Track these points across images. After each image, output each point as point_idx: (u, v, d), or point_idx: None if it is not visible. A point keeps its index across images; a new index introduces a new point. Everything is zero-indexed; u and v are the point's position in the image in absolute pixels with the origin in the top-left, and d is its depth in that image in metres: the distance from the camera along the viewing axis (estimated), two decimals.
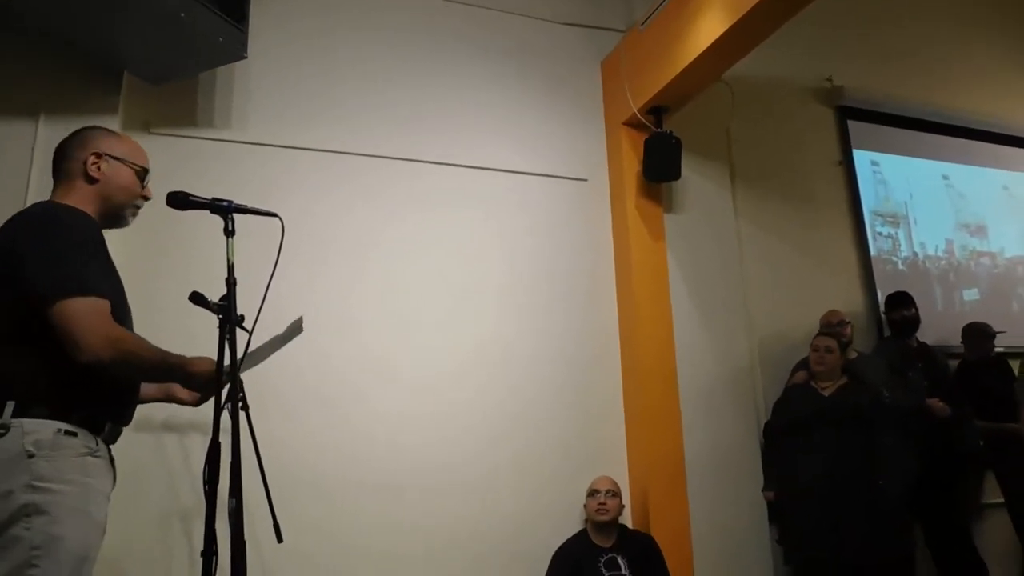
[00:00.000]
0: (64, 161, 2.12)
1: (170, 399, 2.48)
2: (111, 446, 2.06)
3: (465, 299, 3.83)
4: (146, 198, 2.21)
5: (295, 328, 2.52)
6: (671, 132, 4.08)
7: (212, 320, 2.26)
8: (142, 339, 1.97)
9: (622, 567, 3.45)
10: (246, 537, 2.17)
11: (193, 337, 2.67)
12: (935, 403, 4.33)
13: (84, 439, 1.87)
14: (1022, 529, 4.52)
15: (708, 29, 3.62)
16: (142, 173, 2.18)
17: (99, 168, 2.09)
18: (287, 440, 3.25)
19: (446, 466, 3.59)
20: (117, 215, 2.16)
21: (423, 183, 3.88)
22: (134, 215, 2.21)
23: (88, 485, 1.86)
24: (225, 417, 2.17)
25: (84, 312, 1.83)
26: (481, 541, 3.56)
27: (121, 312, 2.00)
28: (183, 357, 2.04)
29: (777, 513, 4.06)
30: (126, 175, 2.14)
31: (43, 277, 1.84)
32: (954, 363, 4.88)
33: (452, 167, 3.96)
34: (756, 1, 3.30)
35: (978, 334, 4.81)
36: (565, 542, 3.58)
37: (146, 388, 2.44)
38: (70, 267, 1.87)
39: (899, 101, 5.57)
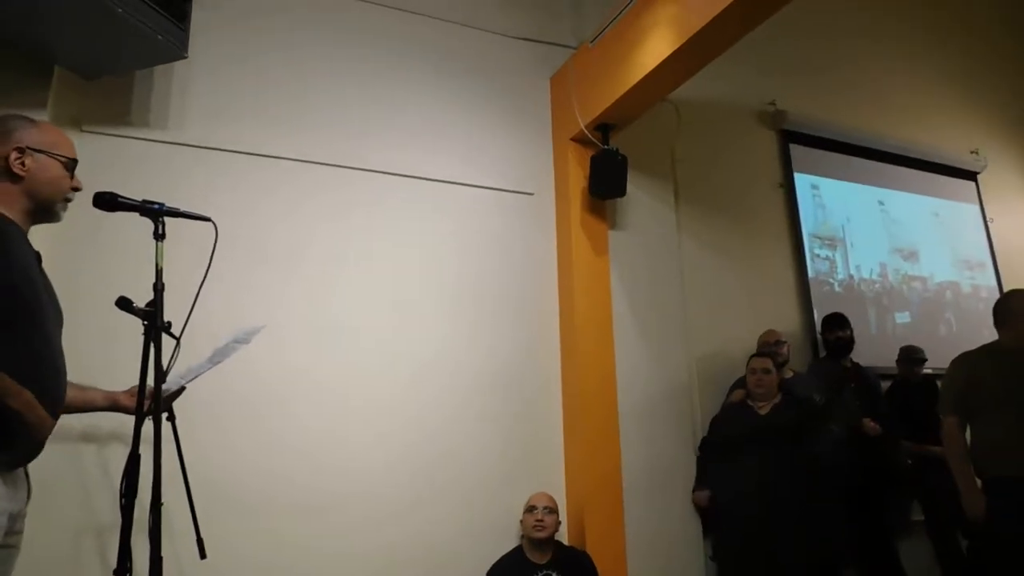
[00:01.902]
0: None
1: (116, 408, 2.38)
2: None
3: (404, 312, 3.76)
4: (76, 189, 2.10)
5: (246, 337, 2.44)
6: (617, 149, 4.09)
7: (134, 324, 2.19)
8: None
9: None
10: (166, 552, 2.09)
11: (118, 342, 2.60)
12: (867, 423, 4.45)
13: None
14: (938, 547, 4.65)
15: (656, 49, 3.65)
16: (70, 164, 2.07)
17: (23, 164, 1.97)
18: (212, 453, 3.11)
19: (379, 489, 3.50)
20: (47, 210, 2.05)
21: (365, 192, 3.81)
22: (65, 209, 2.10)
23: None
24: (149, 427, 2.10)
25: None
26: (413, 566, 3.48)
27: (41, 311, 1.91)
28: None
29: (710, 529, 4.09)
30: (53, 168, 2.03)
31: None
32: (886, 384, 5.00)
33: (396, 176, 3.90)
34: (703, 24, 3.33)
35: (908, 358, 4.95)
36: (499, 559, 3.54)
37: (91, 396, 2.35)
38: None
39: (839, 127, 5.72)
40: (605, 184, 4.10)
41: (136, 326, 2.18)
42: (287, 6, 3.87)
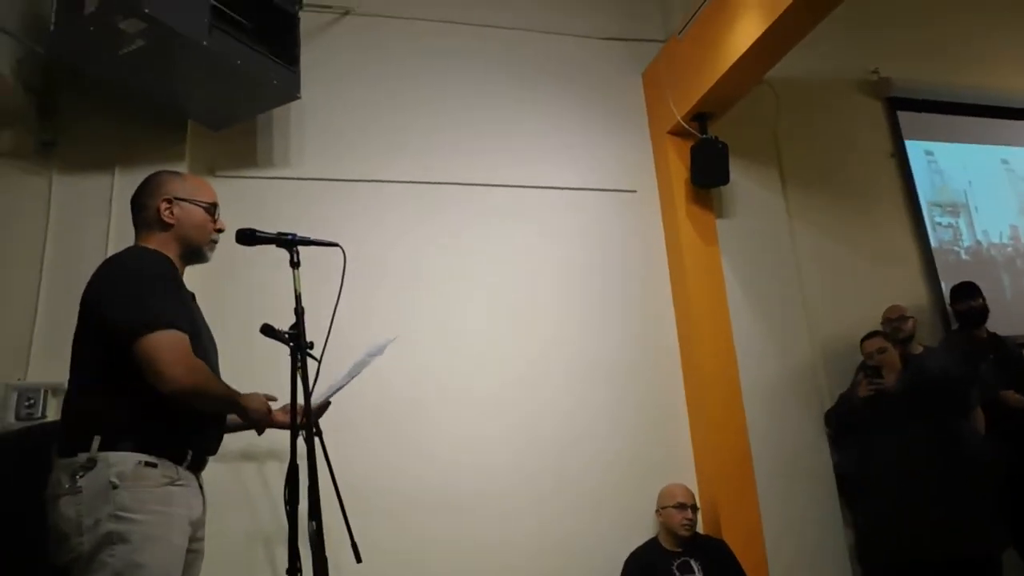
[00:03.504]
0: (139, 212, 2.25)
1: (273, 424, 2.59)
2: (200, 473, 2.18)
3: (523, 316, 3.90)
4: (220, 230, 2.33)
5: (379, 349, 2.61)
6: (716, 138, 4.09)
7: (274, 349, 2.37)
8: (213, 376, 2.12)
9: (696, 570, 3.44)
10: (328, 557, 2.26)
11: (255, 365, 2.81)
12: (1010, 395, 4.21)
13: (164, 469, 1.99)
14: None
15: (745, 32, 3.64)
16: (211, 208, 2.30)
17: (172, 212, 2.21)
18: (355, 463, 3.29)
19: (512, 483, 3.63)
20: (197, 252, 2.29)
21: (475, 205, 3.99)
22: (212, 249, 2.33)
23: (169, 514, 1.97)
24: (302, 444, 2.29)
25: (167, 345, 1.96)
26: (552, 555, 3.59)
27: (197, 345, 2.12)
28: (248, 398, 2.21)
29: (851, 509, 4.02)
30: (197, 214, 2.26)
31: (125, 315, 1.98)
32: None
33: (502, 187, 4.06)
34: (791, 1, 3.31)
35: None
36: (637, 549, 3.59)
37: (232, 417, 2.57)
38: (149, 303, 2.00)
39: (949, 87, 5.44)
40: (707, 173, 4.11)
41: (274, 350, 2.36)
42: (383, 38, 4.10)
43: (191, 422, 2.08)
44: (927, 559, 3.47)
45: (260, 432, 2.35)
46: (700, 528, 3.78)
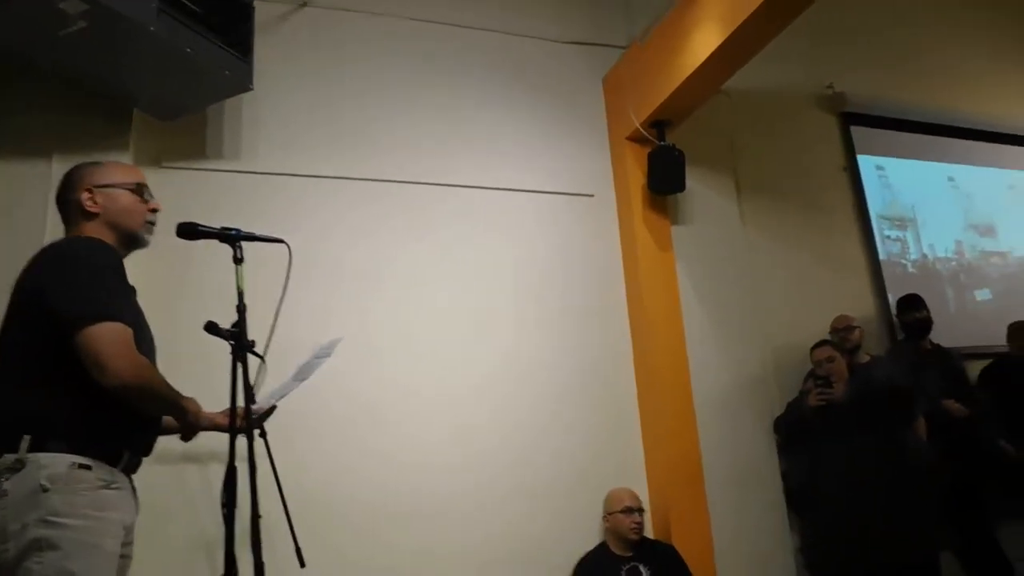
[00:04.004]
0: (64, 208, 2.18)
1: (213, 427, 2.49)
2: (133, 476, 2.09)
3: (477, 319, 3.86)
4: (154, 210, 2.25)
5: (326, 351, 2.54)
6: (674, 145, 4.11)
7: (226, 347, 2.30)
8: (157, 371, 2.05)
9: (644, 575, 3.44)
10: (268, 562, 2.19)
11: (212, 366, 2.73)
12: (951, 404, 4.33)
13: (99, 472, 1.90)
14: None
15: (705, 41, 3.66)
16: (138, 189, 2.21)
17: (95, 201, 2.13)
18: (308, 465, 3.26)
19: (465, 488, 3.59)
20: (132, 237, 2.20)
21: (431, 206, 3.93)
22: (149, 232, 2.25)
23: (103, 519, 1.89)
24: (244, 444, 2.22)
25: (110, 338, 1.88)
26: (504, 560, 3.55)
27: (139, 340, 2.04)
28: (186, 399, 2.14)
29: (798, 518, 4.06)
30: (123, 198, 2.17)
31: (69, 304, 1.89)
32: (971, 363, 4.85)
33: (459, 188, 4.01)
34: (750, 12, 3.34)
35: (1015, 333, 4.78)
36: (586, 554, 3.58)
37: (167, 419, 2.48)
38: (94, 294, 1.92)
39: (901, 105, 5.58)
40: (664, 180, 4.12)
41: (223, 350, 2.30)
42: (342, 32, 4.01)
43: (128, 422, 2.00)
44: (874, 566, 3.52)
45: (188, 438, 2.27)
46: (650, 533, 3.79)
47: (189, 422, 2.16)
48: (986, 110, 5.91)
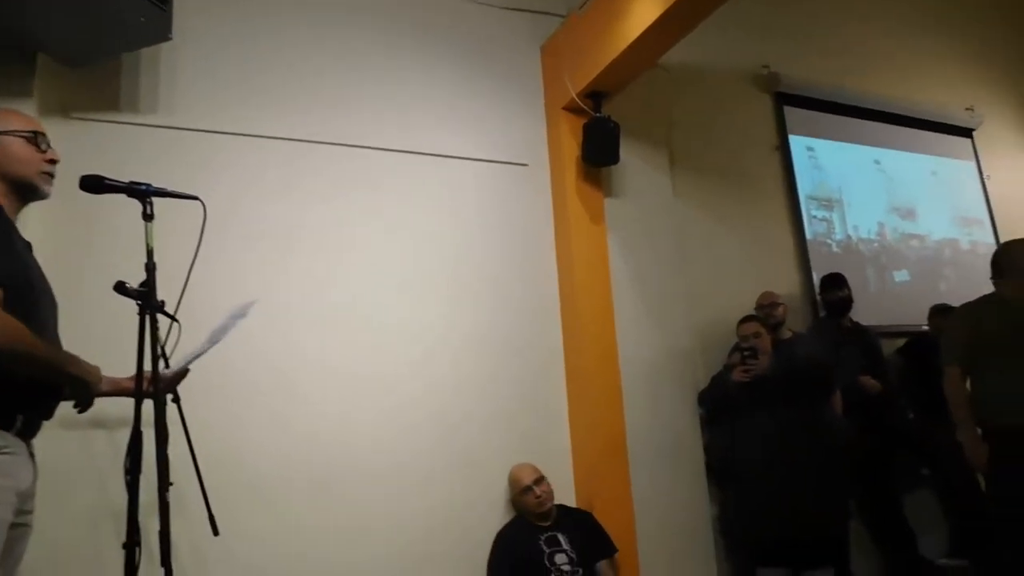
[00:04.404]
0: None
1: (119, 392, 2.38)
2: (31, 440, 1.98)
3: (402, 286, 3.77)
4: (53, 161, 2.13)
5: (240, 312, 2.45)
6: (609, 117, 4.08)
7: (135, 308, 2.20)
8: (34, 336, 1.87)
9: (563, 543, 3.47)
10: (181, 530, 2.12)
11: (120, 327, 2.60)
12: (866, 380, 4.49)
13: None
14: (945, 502, 4.71)
15: (644, 13, 3.64)
16: (33, 137, 2.09)
17: None
18: (221, 434, 3.15)
19: (386, 458, 3.52)
20: (27, 186, 2.08)
21: (358, 169, 3.80)
22: (47, 183, 2.13)
23: None
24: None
25: None
26: (424, 533, 3.51)
27: (33, 299, 1.92)
28: (77, 363, 2.00)
29: (718, 489, 4.15)
30: (16, 146, 2.05)
31: None
32: (887, 341, 5.02)
33: (389, 152, 3.88)
34: None
35: (941, 310, 4.94)
36: (504, 527, 3.59)
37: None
38: None
39: (834, 88, 5.68)
40: (598, 152, 4.09)
41: (134, 309, 2.20)
42: None
43: (24, 384, 1.89)
44: (787, 535, 3.62)
45: (82, 408, 2.12)
46: (573, 502, 3.81)
47: (80, 390, 2.04)
48: (913, 96, 6.09)
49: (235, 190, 3.47)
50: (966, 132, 6.46)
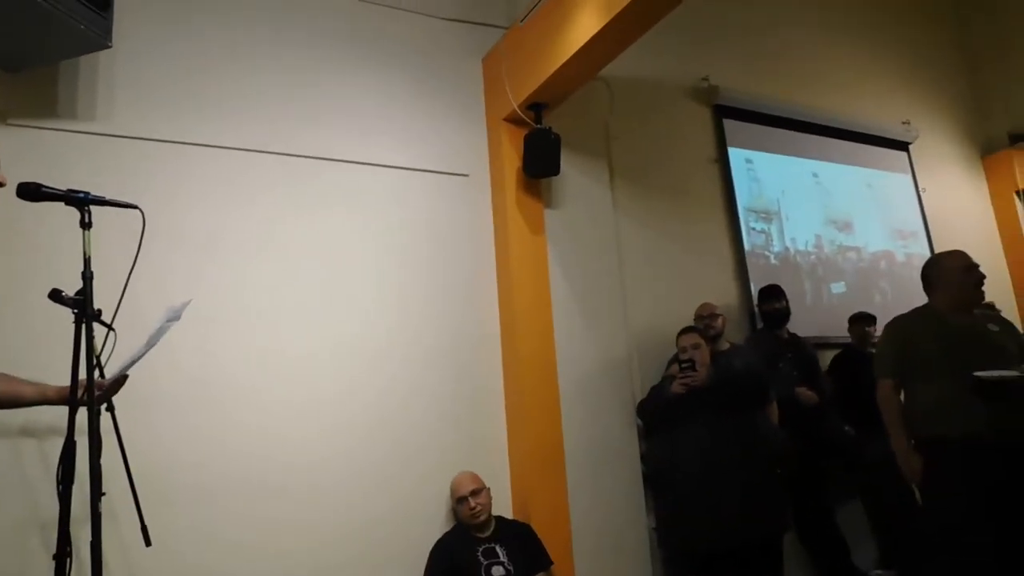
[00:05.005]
0: None
1: (45, 401, 2.37)
2: None
3: (344, 294, 3.77)
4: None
5: (176, 313, 2.45)
6: (550, 128, 4.13)
7: (71, 317, 2.20)
8: None
9: (500, 555, 3.49)
10: (114, 540, 2.11)
11: (52, 336, 2.59)
12: (803, 391, 4.56)
13: None
14: (873, 515, 4.83)
15: (583, 26, 3.69)
16: None
17: None
18: (146, 447, 3.05)
19: (323, 463, 3.52)
20: None
21: (297, 178, 3.80)
22: None
23: None
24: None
25: None
26: (359, 540, 3.52)
27: None
28: None
29: (653, 496, 4.19)
30: None
31: None
32: (823, 353, 5.15)
33: (328, 161, 3.89)
34: (628, 1, 3.39)
35: (859, 317, 5.14)
36: (444, 535, 3.60)
37: (19, 388, 2.33)
38: None
39: (772, 101, 5.81)
40: (539, 163, 4.14)
41: (71, 318, 2.20)
42: None
43: None
44: (722, 544, 3.67)
45: None
46: (509, 511, 3.84)
47: None
48: (850, 110, 6.27)
49: (170, 197, 3.44)
50: (902, 145, 6.66)
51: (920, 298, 3.70)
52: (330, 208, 3.86)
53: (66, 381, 2.23)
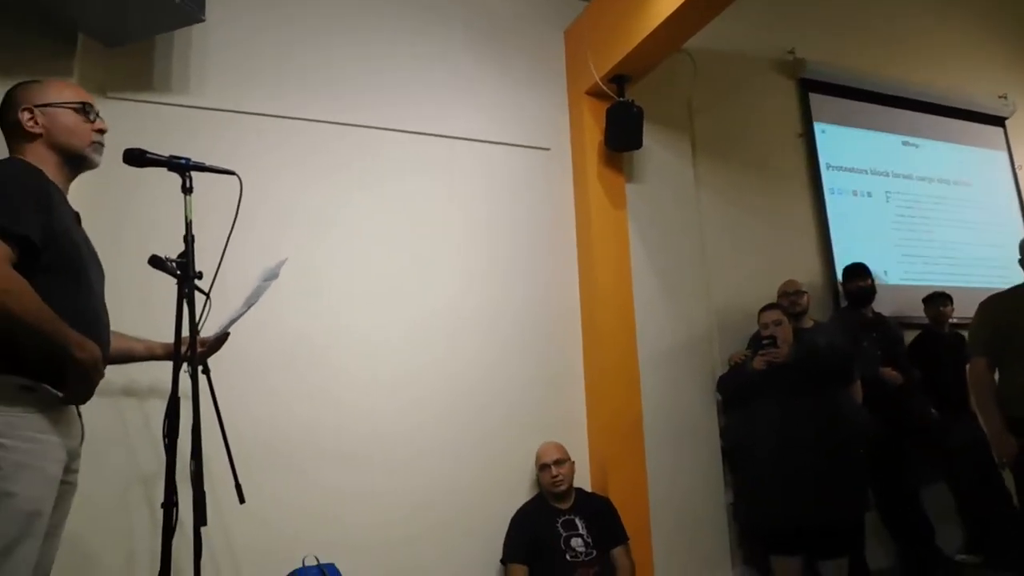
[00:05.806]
0: (6, 129, 2.10)
1: (153, 356, 2.47)
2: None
3: (426, 266, 3.84)
4: (101, 131, 2.18)
5: (273, 272, 2.53)
6: (633, 101, 4.09)
7: (171, 282, 2.28)
8: (37, 301, 1.81)
9: (579, 527, 3.51)
10: (208, 500, 2.19)
11: (156, 299, 2.70)
12: (888, 371, 4.46)
13: (42, 393, 1.86)
14: (960, 499, 4.70)
15: None
16: (83, 108, 2.14)
17: (36, 121, 2.07)
18: (249, 404, 3.24)
19: (407, 432, 3.60)
20: (78, 157, 2.13)
21: (385, 151, 3.86)
22: (97, 152, 2.18)
23: (44, 441, 1.87)
24: (187, 380, 2.20)
25: None
26: (444, 508, 3.59)
27: (77, 263, 2.00)
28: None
29: (732, 475, 4.17)
30: (67, 117, 2.11)
31: None
32: (909, 333, 4.99)
33: (414, 135, 3.94)
34: None
35: (934, 297, 4.99)
36: (523, 505, 3.63)
37: (131, 345, 2.42)
38: None
39: (860, 74, 5.63)
40: (621, 137, 4.10)
41: (172, 283, 2.28)
42: None
43: None
44: (802, 524, 3.64)
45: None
46: (588, 484, 3.85)
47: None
48: (942, 84, 6.01)
49: (266, 169, 3.53)
50: (999, 120, 6.36)
51: (1015, 277, 3.57)
52: (413, 182, 3.91)
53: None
